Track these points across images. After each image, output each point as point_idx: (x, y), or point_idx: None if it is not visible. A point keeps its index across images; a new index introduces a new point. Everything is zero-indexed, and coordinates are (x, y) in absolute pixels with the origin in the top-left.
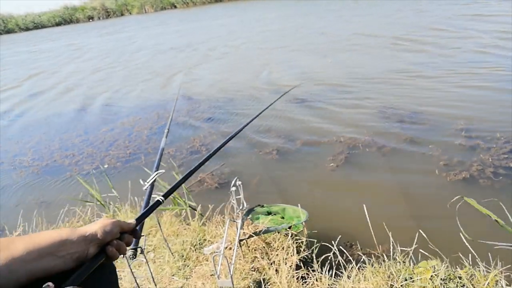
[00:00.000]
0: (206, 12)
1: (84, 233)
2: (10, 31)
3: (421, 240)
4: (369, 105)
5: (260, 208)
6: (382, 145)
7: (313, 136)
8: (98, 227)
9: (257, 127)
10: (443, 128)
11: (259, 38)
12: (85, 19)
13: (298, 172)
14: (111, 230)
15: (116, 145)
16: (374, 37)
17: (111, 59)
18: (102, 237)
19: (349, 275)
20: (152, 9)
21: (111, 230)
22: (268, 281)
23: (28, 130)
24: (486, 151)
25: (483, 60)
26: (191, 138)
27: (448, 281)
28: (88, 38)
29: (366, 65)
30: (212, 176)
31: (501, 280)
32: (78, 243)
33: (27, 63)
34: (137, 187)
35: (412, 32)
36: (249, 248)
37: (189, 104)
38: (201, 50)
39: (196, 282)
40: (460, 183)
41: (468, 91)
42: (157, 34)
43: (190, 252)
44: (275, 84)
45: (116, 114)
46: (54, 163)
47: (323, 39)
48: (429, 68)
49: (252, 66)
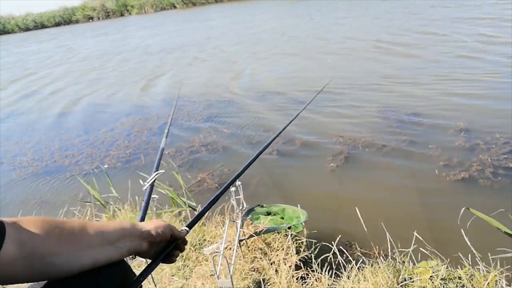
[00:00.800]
0: (204, 12)
1: (141, 228)
2: (9, 31)
3: (420, 240)
4: (369, 106)
5: (260, 208)
6: (382, 145)
7: (313, 136)
8: (152, 227)
9: (257, 127)
10: (442, 128)
11: (251, 40)
12: (85, 19)
13: (297, 172)
14: (163, 232)
15: (116, 145)
16: (375, 40)
17: (98, 62)
18: (154, 236)
19: (349, 275)
20: (152, 9)
21: (163, 232)
22: (268, 281)
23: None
24: (485, 152)
25: (483, 60)
26: (190, 139)
27: (448, 281)
28: (75, 40)
29: (366, 65)
30: (212, 176)
31: (501, 280)
32: (136, 237)
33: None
34: (137, 187)
35: (407, 34)
36: (249, 248)
37: (181, 106)
38: (190, 52)
39: (195, 282)
40: (460, 183)
41: (468, 92)
42: (147, 35)
43: (190, 252)
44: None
45: (97, 120)
46: (54, 163)
47: (327, 38)
48: (429, 68)
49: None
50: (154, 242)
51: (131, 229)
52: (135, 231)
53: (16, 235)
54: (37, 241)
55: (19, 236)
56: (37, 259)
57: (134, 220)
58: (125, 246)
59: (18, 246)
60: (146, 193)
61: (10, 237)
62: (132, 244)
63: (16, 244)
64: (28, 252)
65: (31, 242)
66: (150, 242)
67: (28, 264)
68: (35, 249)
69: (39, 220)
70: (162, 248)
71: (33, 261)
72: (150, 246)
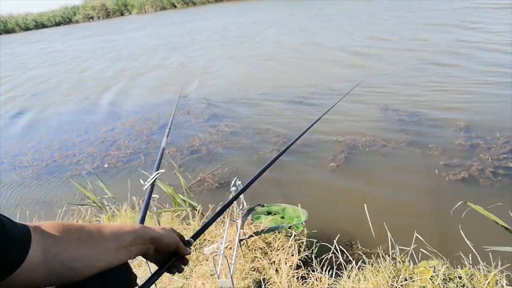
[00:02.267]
0: (204, 12)
1: (152, 232)
2: (9, 30)
3: (421, 240)
4: (369, 106)
5: (260, 207)
6: (382, 145)
7: (313, 136)
8: (160, 235)
9: (257, 127)
10: (443, 127)
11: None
12: (85, 19)
13: (298, 172)
14: (168, 244)
15: (116, 145)
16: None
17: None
18: (160, 244)
19: (349, 275)
20: (152, 9)
21: (168, 244)
22: (268, 281)
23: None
24: (485, 151)
25: (483, 59)
26: (190, 138)
27: (448, 280)
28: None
29: (366, 65)
30: (213, 175)
31: (501, 280)
32: (147, 241)
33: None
34: (137, 186)
35: (406, 35)
36: (249, 248)
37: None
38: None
39: (196, 282)
40: (460, 183)
41: (468, 91)
42: (134, 37)
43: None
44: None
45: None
46: (54, 163)
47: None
48: (430, 68)
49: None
50: (159, 250)
51: (142, 233)
52: (146, 235)
53: (40, 240)
54: (59, 247)
55: (43, 241)
56: (58, 264)
57: (134, 220)
58: (135, 250)
59: (42, 251)
60: (146, 192)
61: (35, 242)
62: (141, 248)
63: (40, 249)
64: (50, 257)
65: (53, 248)
66: (155, 248)
67: (49, 269)
68: (57, 255)
69: (59, 224)
70: (164, 257)
71: (54, 266)
72: (156, 251)
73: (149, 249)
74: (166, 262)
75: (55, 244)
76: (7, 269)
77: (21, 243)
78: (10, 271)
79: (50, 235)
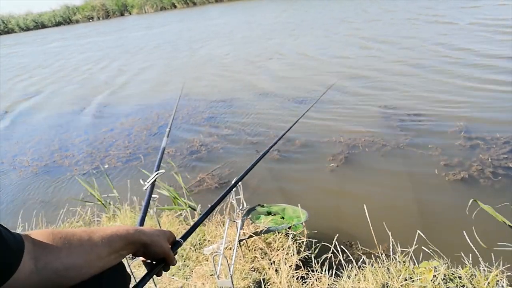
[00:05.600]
0: (204, 12)
1: (145, 238)
2: (9, 31)
3: (421, 239)
4: (369, 106)
5: (260, 208)
6: (382, 145)
7: (313, 136)
8: (151, 241)
9: (257, 127)
10: (442, 128)
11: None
12: (85, 19)
13: (298, 172)
14: (156, 253)
15: (116, 145)
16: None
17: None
18: (148, 251)
19: (349, 275)
20: (152, 9)
21: (156, 253)
22: (268, 281)
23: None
24: (485, 151)
25: (484, 60)
26: (190, 139)
27: (448, 280)
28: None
29: (366, 65)
30: (212, 176)
31: (502, 280)
32: (138, 246)
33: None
34: (137, 186)
35: (407, 33)
36: (249, 248)
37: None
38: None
39: (196, 282)
40: (460, 183)
41: (468, 92)
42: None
43: (190, 252)
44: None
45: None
46: (54, 163)
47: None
48: (430, 68)
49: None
50: (147, 254)
51: (135, 238)
52: (138, 241)
53: (31, 249)
54: (50, 256)
55: (34, 250)
56: (50, 273)
57: (134, 220)
58: (126, 253)
59: (33, 261)
60: (147, 193)
61: (26, 251)
62: (132, 250)
63: (32, 259)
64: (41, 266)
65: (44, 257)
66: (144, 252)
67: (42, 278)
68: (48, 263)
69: (49, 233)
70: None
71: (46, 275)
72: (144, 254)
73: (139, 250)
74: (152, 264)
75: (46, 253)
76: (0, 279)
77: (16, 253)
78: (3, 280)
79: (41, 243)
